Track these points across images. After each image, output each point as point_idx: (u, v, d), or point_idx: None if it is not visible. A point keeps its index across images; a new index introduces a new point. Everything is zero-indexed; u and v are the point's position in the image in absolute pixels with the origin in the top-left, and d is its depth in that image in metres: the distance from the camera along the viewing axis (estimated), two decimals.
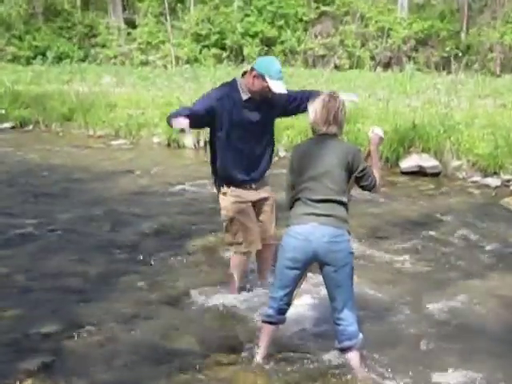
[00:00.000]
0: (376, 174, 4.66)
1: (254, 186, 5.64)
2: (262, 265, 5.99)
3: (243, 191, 5.59)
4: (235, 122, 5.37)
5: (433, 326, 5.48)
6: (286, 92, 5.36)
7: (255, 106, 5.43)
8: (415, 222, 8.68)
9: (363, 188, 4.69)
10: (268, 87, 5.27)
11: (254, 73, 5.32)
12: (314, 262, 4.48)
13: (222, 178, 5.62)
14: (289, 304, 4.67)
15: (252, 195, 5.64)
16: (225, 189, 5.61)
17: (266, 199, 5.74)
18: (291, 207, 4.61)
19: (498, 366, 4.78)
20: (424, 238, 7.90)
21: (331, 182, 4.46)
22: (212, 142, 5.62)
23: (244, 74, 5.51)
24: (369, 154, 4.81)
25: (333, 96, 4.64)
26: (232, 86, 5.49)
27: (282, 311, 4.66)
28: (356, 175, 4.55)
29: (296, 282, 4.59)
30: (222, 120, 5.35)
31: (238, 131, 5.40)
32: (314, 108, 4.60)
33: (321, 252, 4.37)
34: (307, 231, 4.39)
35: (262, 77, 5.27)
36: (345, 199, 4.52)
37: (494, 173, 11.13)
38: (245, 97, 5.41)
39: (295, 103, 5.61)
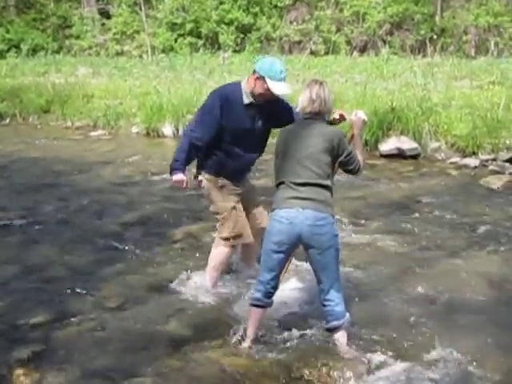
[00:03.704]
0: (360, 157, 4.72)
1: (240, 184, 5.60)
2: (249, 252, 5.95)
3: (233, 186, 5.55)
4: (234, 125, 5.24)
5: (418, 305, 5.55)
6: (288, 92, 5.21)
7: (256, 111, 5.30)
8: (396, 204, 8.76)
9: (347, 172, 4.75)
10: (269, 89, 5.13)
11: (255, 75, 5.16)
12: (299, 244, 4.54)
13: (217, 172, 5.46)
14: (275, 287, 4.71)
15: (241, 188, 5.61)
16: (219, 181, 5.50)
17: (252, 188, 5.75)
18: (276, 189, 4.65)
19: (483, 343, 4.86)
20: (406, 219, 7.97)
21: (315, 165, 4.50)
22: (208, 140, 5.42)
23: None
24: (352, 138, 4.86)
25: (315, 79, 4.71)
26: (235, 88, 5.34)
27: (269, 295, 4.70)
28: (341, 160, 4.60)
29: (282, 265, 4.63)
30: (223, 121, 5.23)
31: (236, 135, 5.28)
32: (300, 96, 4.65)
33: (305, 235, 4.43)
34: (291, 215, 4.44)
35: (263, 79, 5.12)
36: (329, 183, 4.56)
37: (472, 153, 11.25)
38: (246, 101, 5.27)
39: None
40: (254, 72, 5.19)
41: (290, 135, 4.66)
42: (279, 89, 5.13)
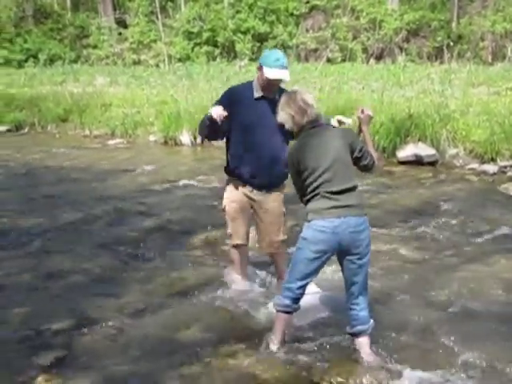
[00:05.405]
0: (372, 152, 4.71)
1: (257, 190, 5.57)
2: (277, 268, 5.92)
3: (243, 188, 5.59)
4: (244, 119, 5.36)
5: (438, 311, 5.55)
6: (282, 77, 5.24)
7: (266, 105, 5.37)
8: (415, 211, 8.74)
9: (363, 168, 4.72)
10: (266, 77, 5.25)
11: (258, 67, 5.36)
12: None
13: (228, 171, 5.66)
14: (303, 294, 4.72)
15: (251, 193, 5.60)
16: (228, 180, 5.68)
17: (267, 208, 5.61)
18: (307, 202, 4.61)
19: (502, 348, 4.85)
20: (425, 225, 7.96)
21: (342, 167, 4.51)
22: (227, 138, 5.62)
23: None
24: (360, 134, 4.85)
25: (286, 92, 4.78)
26: (247, 85, 5.53)
27: (297, 300, 4.71)
28: (356, 155, 4.61)
29: (317, 273, 4.66)
30: (233, 116, 5.32)
31: (247, 129, 5.38)
32: (285, 113, 4.63)
33: (347, 243, 4.46)
34: (334, 224, 4.44)
35: (262, 68, 5.28)
36: (357, 182, 4.58)
37: (491, 159, 11.21)
38: (256, 95, 5.40)
39: None
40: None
41: (305, 148, 4.59)
42: (272, 74, 5.23)
